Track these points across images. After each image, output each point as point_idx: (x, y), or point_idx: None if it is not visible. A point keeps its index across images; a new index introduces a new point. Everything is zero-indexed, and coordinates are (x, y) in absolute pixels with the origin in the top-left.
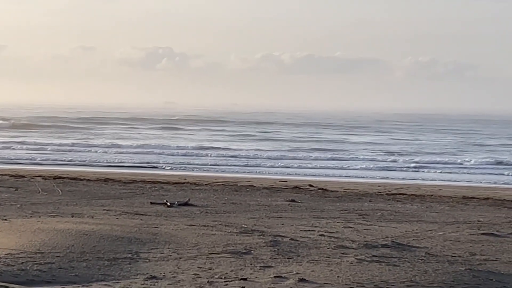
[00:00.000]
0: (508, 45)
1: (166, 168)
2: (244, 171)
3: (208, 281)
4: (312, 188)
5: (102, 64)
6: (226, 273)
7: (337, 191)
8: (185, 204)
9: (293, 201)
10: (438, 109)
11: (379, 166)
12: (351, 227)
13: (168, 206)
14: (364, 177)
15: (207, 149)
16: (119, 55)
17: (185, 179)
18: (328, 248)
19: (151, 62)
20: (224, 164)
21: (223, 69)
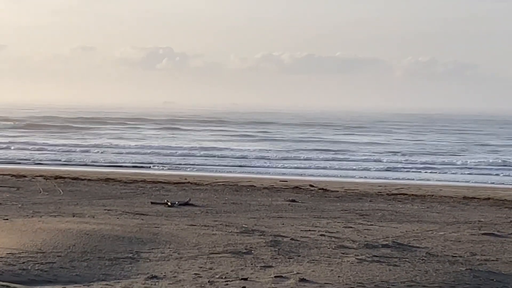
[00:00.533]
0: (508, 45)
1: (166, 168)
2: (245, 171)
3: (209, 281)
4: (313, 188)
5: (102, 64)
6: (227, 273)
7: (338, 191)
8: (186, 204)
9: (294, 201)
10: (438, 109)
11: (380, 166)
12: (352, 227)
13: (169, 206)
14: (365, 177)
15: (207, 149)
16: (119, 55)
17: (186, 179)
18: (329, 248)
19: (151, 62)
20: (224, 164)
21: (223, 69)
